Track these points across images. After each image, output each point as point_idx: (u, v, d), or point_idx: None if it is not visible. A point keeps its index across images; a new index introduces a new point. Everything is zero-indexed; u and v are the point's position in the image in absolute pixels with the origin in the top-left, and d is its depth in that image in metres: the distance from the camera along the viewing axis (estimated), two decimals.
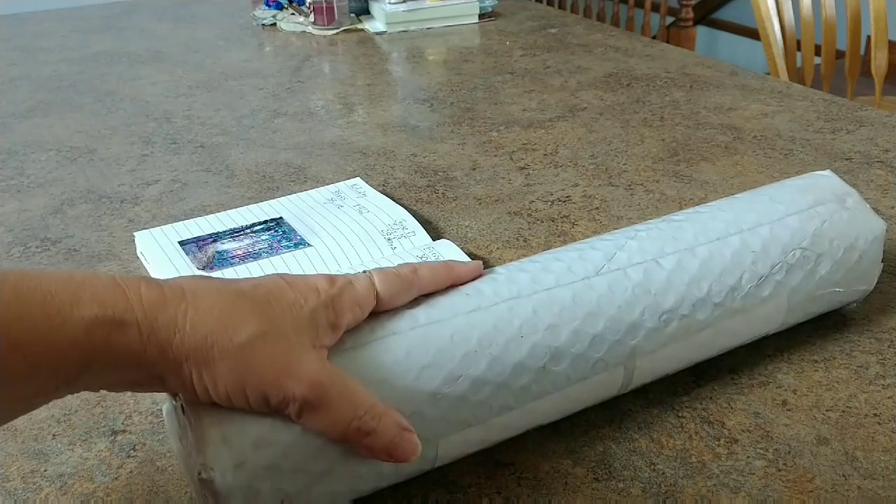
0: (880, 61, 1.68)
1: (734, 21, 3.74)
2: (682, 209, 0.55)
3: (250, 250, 0.64)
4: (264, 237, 0.66)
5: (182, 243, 0.65)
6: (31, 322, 0.31)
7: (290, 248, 0.64)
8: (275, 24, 1.42)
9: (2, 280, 0.31)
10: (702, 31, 3.67)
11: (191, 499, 0.42)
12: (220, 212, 0.71)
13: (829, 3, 1.69)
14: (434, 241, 0.64)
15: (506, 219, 0.70)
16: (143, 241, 0.66)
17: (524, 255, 0.48)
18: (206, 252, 0.64)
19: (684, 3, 2.93)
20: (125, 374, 0.34)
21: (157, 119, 0.99)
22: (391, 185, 0.78)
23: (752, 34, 3.40)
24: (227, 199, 0.76)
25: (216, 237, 0.66)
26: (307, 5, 1.37)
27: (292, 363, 0.35)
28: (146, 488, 0.43)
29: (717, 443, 0.44)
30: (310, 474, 0.36)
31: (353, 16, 1.41)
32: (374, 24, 1.38)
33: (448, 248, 0.62)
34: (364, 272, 0.40)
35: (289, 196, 0.73)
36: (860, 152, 0.79)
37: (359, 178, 0.76)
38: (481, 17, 1.39)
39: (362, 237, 0.65)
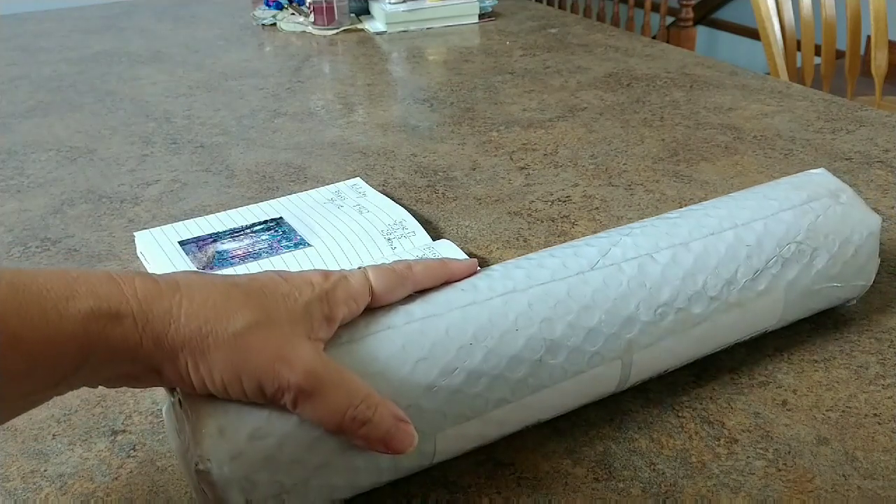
0: (880, 61, 1.68)
1: (734, 21, 3.74)
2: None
3: (250, 250, 0.64)
4: (264, 237, 0.66)
5: (182, 243, 0.65)
6: (28, 317, 0.31)
7: (290, 248, 0.64)
8: (275, 24, 1.42)
9: None
10: (702, 31, 3.68)
11: (191, 498, 0.42)
12: (220, 212, 0.71)
13: (829, 3, 1.69)
14: (434, 241, 0.64)
15: (506, 219, 0.70)
16: (143, 241, 0.66)
17: (523, 255, 0.48)
18: (206, 252, 0.64)
19: (684, 3, 2.93)
20: (122, 367, 0.34)
21: (157, 119, 0.99)
22: (391, 185, 0.78)
23: (752, 34, 3.40)
24: (227, 199, 0.76)
25: (216, 237, 0.66)
26: (307, 5, 1.37)
27: (287, 352, 0.35)
28: (146, 488, 0.43)
29: (717, 443, 0.44)
30: (307, 466, 0.36)
31: (353, 16, 1.41)
32: (374, 24, 1.38)
33: (448, 248, 0.62)
34: (359, 268, 0.41)
35: (289, 196, 0.73)
36: (860, 152, 0.79)
37: (359, 178, 0.76)
38: (481, 17, 1.39)
39: (362, 237, 0.65)
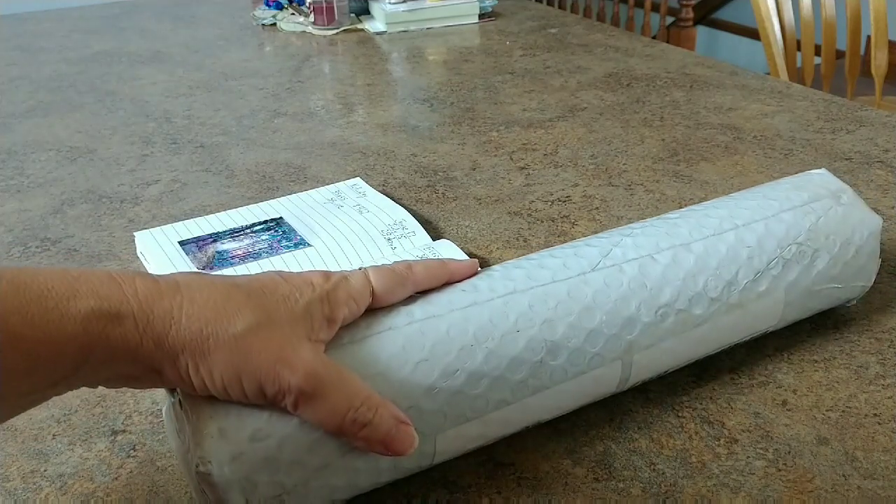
0: (880, 61, 1.68)
1: (734, 21, 3.74)
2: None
3: (250, 250, 0.64)
4: (264, 237, 0.66)
5: (182, 243, 0.65)
6: (29, 316, 0.31)
7: (289, 248, 0.64)
8: (275, 24, 1.42)
9: None
10: (702, 31, 3.68)
11: (191, 499, 0.42)
12: (220, 212, 0.71)
13: (829, 3, 1.69)
14: (434, 241, 0.64)
15: (506, 219, 0.70)
16: (143, 241, 0.66)
17: (524, 255, 0.48)
18: (206, 252, 0.64)
19: (684, 3, 2.93)
20: (122, 367, 0.34)
21: (157, 119, 0.99)
22: (391, 185, 0.78)
23: (752, 34, 3.40)
24: (227, 199, 0.76)
25: (216, 237, 0.66)
26: (307, 5, 1.37)
27: (287, 353, 0.35)
28: (146, 488, 0.43)
29: (717, 443, 0.44)
30: (307, 468, 0.36)
31: (353, 16, 1.41)
32: (374, 24, 1.38)
33: (448, 248, 0.62)
34: (360, 269, 0.41)
35: (289, 196, 0.73)
36: (860, 152, 0.79)
37: (359, 178, 0.76)
38: (481, 17, 1.39)
39: (362, 237, 0.65)
